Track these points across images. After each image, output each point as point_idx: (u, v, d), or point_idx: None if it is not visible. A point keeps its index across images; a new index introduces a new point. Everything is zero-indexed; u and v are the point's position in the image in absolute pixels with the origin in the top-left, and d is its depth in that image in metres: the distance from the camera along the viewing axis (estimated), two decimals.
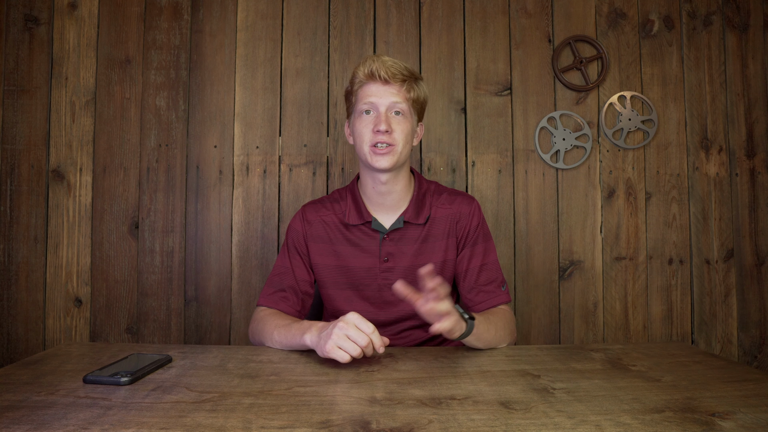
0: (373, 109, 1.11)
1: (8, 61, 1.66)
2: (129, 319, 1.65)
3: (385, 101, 1.10)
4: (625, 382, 0.79)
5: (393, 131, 1.09)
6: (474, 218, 1.19)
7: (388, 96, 1.10)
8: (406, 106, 1.11)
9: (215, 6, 1.71)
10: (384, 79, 1.10)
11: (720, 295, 1.73)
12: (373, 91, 1.11)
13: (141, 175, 1.67)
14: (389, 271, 1.15)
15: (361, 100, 1.12)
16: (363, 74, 1.11)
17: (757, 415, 0.65)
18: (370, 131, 1.10)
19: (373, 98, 1.10)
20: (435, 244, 1.16)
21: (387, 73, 1.09)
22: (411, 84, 1.12)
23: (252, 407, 0.68)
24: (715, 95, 1.76)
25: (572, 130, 1.72)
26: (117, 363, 0.84)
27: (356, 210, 1.17)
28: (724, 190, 1.75)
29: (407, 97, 1.12)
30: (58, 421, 0.62)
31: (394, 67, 1.09)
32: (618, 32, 1.76)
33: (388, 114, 1.10)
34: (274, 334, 1.00)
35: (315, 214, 1.20)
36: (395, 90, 1.10)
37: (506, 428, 0.62)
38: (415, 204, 1.17)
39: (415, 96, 1.13)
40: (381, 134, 1.08)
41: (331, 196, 1.25)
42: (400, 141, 1.10)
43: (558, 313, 1.71)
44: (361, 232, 1.17)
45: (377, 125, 1.08)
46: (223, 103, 1.70)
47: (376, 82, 1.11)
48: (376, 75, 1.10)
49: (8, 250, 1.64)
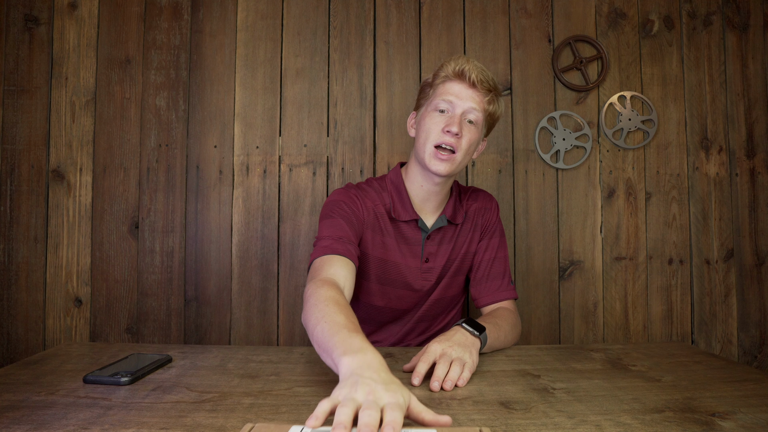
0: (450, 109, 1.07)
1: (8, 61, 1.66)
2: (129, 319, 1.65)
3: (465, 105, 1.06)
4: (625, 382, 0.79)
5: (462, 137, 1.06)
6: (494, 213, 1.23)
7: (469, 100, 1.06)
8: (481, 117, 1.08)
9: (215, 6, 1.71)
10: (472, 83, 1.06)
11: (720, 295, 1.73)
12: (456, 90, 1.07)
13: (141, 175, 1.67)
14: (428, 272, 1.15)
15: (440, 96, 1.07)
16: (452, 71, 1.07)
17: (757, 415, 0.65)
18: (439, 130, 1.06)
19: (453, 98, 1.06)
20: (464, 239, 1.19)
21: (477, 77, 1.05)
22: (493, 96, 1.09)
23: (252, 407, 0.68)
24: (715, 95, 1.76)
25: (572, 130, 1.72)
26: (117, 363, 0.84)
27: (402, 206, 1.13)
28: (724, 190, 1.75)
29: (486, 108, 1.08)
30: (58, 421, 0.62)
31: (484, 74, 1.06)
32: (618, 32, 1.76)
33: (462, 118, 1.06)
34: (317, 329, 0.76)
35: (366, 199, 1.12)
36: (478, 97, 1.07)
37: (506, 428, 0.62)
38: (454, 204, 1.18)
39: (493, 110, 1.10)
40: (450, 135, 1.05)
41: (370, 184, 1.18)
42: (464, 149, 1.07)
43: (558, 313, 1.71)
44: (408, 229, 1.13)
45: (449, 125, 1.04)
46: (223, 103, 1.70)
47: (462, 83, 1.07)
48: (466, 76, 1.06)
49: (8, 250, 1.64)
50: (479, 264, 1.18)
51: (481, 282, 1.17)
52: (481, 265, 1.18)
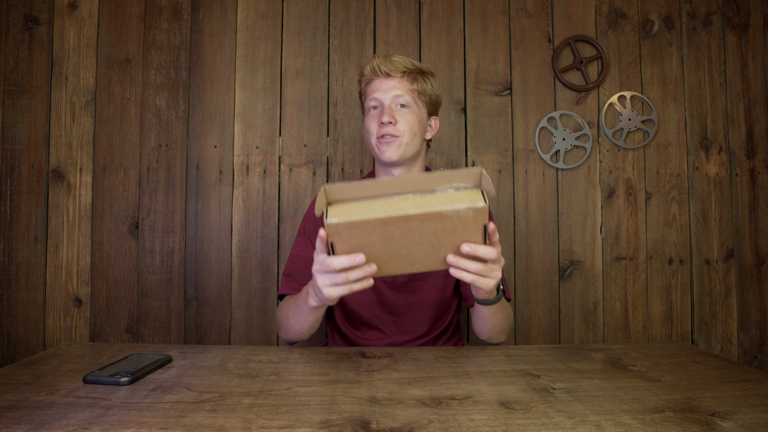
0: (379, 104, 1.14)
1: (8, 61, 1.66)
2: (129, 319, 1.65)
3: (389, 95, 1.13)
4: (625, 382, 0.79)
5: (397, 122, 1.11)
6: None
7: (391, 90, 1.13)
8: (410, 98, 1.14)
9: (215, 6, 1.71)
10: (386, 73, 1.13)
11: (720, 295, 1.73)
12: (376, 86, 1.15)
13: (141, 175, 1.67)
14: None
15: (368, 97, 1.16)
16: (367, 72, 1.16)
17: (757, 415, 0.65)
18: (376, 125, 1.13)
19: (377, 93, 1.14)
20: None
21: (387, 67, 1.13)
22: (414, 76, 1.15)
23: (252, 407, 0.68)
24: (715, 95, 1.76)
25: (572, 130, 1.72)
26: (117, 363, 0.84)
27: None
28: (724, 190, 1.75)
29: (411, 88, 1.14)
30: (58, 421, 0.62)
31: (396, 62, 1.13)
32: (618, 32, 1.76)
33: (393, 107, 1.13)
34: (290, 321, 1.01)
35: None
36: (397, 83, 1.13)
37: (506, 428, 0.62)
38: None
39: (420, 88, 1.15)
40: (384, 126, 1.11)
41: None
42: (406, 132, 1.12)
43: (558, 313, 1.71)
44: None
45: (381, 117, 1.11)
46: (223, 103, 1.70)
47: (379, 78, 1.15)
48: (377, 70, 1.14)
49: (8, 250, 1.64)
50: None
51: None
52: None
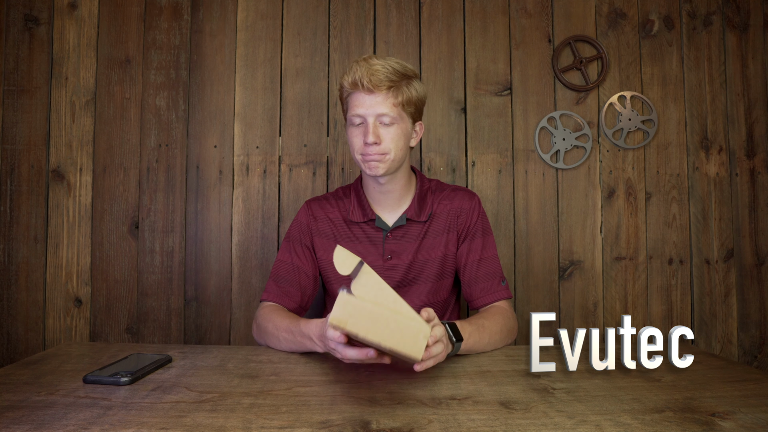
0: (363, 120, 1.07)
1: (8, 61, 1.66)
2: (129, 319, 1.65)
3: (372, 112, 1.05)
4: (625, 382, 0.79)
5: (382, 141, 1.06)
6: (474, 213, 1.19)
7: (374, 107, 1.05)
8: (395, 113, 1.07)
9: (215, 6, 1.71)
10: (368, 89, 1.04)
11: (720, 295, 1.73)
12: (359, 101, 1.06)
13: (141, 175, 1.67)
14: (392, 269, 1.16)
15: (350, 111, 1.09)
16: (349, 84, 1.07)
17: (757, 415, 0.65)
18: (360, 142, 1.08)
19: (360, 109, 1.06)
20: (435, 240, 1.17)
21: (371, 81, 1.03)
22: (399, 88, 1.06)
23: (252, 407, 0.68)
24: (715, 95, 1.76)
25: (572, 130, 1.72)
26: (117, 363, 0.84)
27: (360, 208, 1.18)
28: (724, 190, 1.75)
29: (396, 102, 1.06)
30: (58, 421, 0.62)
31: (378, 74, 1.03)
32: (618, 32, 1.76)
33: (377, 124, 1.06)
34: (280, 338, 0.99)
35: (320, 210, 1.21)
36: (381, 99, 1.05)
37: (506, 428, 0.62)
38: (418, 201, 1.18)
39: (406, 99, 1.08)
40: (370, 146, 1.06)
41: (335, 193, 1.25)
42: (392, 149, 1.07)
43: (558, 313, 1.71)
44: (364, 230, 1.18)
45: (366, 137, 1.06)
46: (223, 103, 1.70)
47: (362, 92, 1.06)
48: (359, 84, 1.04)
49: (8, 250, 1.64)
50: (464, 266, 1.17)
51: (471, 284, 1.16)
52: (467, 268, 1.17)
